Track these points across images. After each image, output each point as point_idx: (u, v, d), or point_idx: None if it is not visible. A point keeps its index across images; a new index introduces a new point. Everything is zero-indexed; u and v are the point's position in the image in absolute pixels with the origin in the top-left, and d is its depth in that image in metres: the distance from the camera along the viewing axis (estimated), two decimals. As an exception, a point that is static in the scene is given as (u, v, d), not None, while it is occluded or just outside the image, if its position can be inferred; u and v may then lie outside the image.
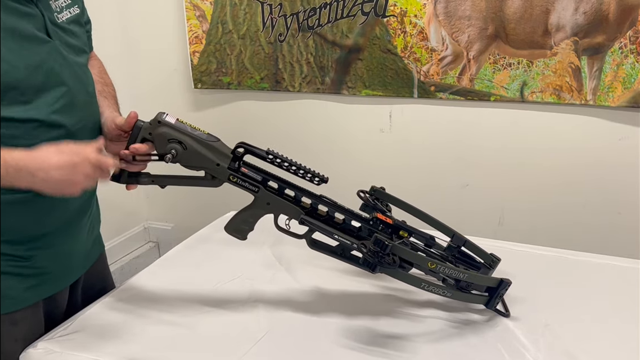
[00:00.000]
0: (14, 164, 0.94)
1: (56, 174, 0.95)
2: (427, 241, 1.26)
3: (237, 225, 1.19)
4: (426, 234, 1.26)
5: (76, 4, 1.13)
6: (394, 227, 1.19)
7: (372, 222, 1.18)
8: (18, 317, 1.09)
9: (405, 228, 1.20)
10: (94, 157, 0.99)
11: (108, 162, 1.02)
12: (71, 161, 0.97)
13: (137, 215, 2.75)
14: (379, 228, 1.18)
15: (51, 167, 0.95)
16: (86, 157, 0.98)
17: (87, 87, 1.14)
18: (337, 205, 1.18)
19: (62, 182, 0.96)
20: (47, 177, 0.95)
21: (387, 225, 1.19)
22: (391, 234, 1.19)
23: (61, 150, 0.98)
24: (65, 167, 0.96)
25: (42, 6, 1.02)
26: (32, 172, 0.95)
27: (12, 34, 0.96)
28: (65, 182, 0.97)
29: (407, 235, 1.20)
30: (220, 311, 1.22)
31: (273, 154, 1.12)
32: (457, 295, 1.17)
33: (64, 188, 0.98)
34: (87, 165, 0.98)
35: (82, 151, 0.99)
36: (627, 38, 1.80)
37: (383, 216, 1.19)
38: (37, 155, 0.96)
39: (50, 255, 1.11)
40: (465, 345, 1.10)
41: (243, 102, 2.39)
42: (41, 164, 0.95)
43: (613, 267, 1.41)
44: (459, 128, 2.11)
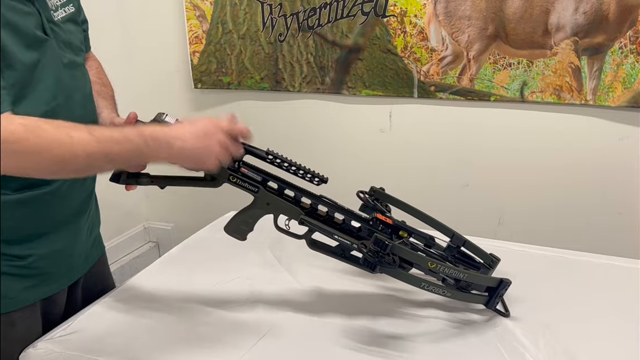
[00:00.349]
0: (152, 135, 0.95)
1: (192, 141, 0.97)
2: (426, 241, 1.26)
3: (236, 226, 1.19)
4: (426, 234, 1.26)
5: (71, 3, 1.13)
6: (394, 227, 1.19)
7: (372, 222, 1.18)
8: (16, 317, 1.09)
9: (405, 228, 1.20)
10: (224, 124, 1.01)
11: (240, 129, 1.04)
12: (205, 129, 0.99)
13: (137, 215, 2.75)
14: (378, 228, 1.18)
15: (187, 134, 0.97)
16: (219, 125, 1.00)
17: (84, 86, 1.14)
18: (337, 205, 1.18)
19: (199, 149, 0.98)
20: (184, 145, 0.96)
21: (386, 226, 1.19)
22: (391, 234, 1.19)
23: (193, 121, 1.00)
24: (200, 135, 0.98)
25: (39, 4, 1.01)
26: (169, 141, 0.96)
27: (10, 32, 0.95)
28: (202, 150, 0.98)
29: (407, 236, 1.20)
30: (220, 311, 1.22)
31: (272, 154, 1.12)
32: (457, 295, 1.17)
33: (201, 157, 0.99)
34: (221, 133, 1.00)
35: (214, 120, 1.01)
36: (627, 38, 1.80)
37: (383, 216, 1.19)
38: (173, 128, 0.98)
39: (49, 256, 1.11)
40: (465, 345, 1.10)
41: (243, 102, 2.39)
42: (177, 132, 0.97)
43: (613, 267, 1.41)
44: (459, 128, 2.11)
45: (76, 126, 0.92)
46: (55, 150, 0.88)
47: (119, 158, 0.95)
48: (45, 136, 0.88)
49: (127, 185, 1.14)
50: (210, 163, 1.00)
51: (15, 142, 0.86)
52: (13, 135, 0.87)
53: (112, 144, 0.92)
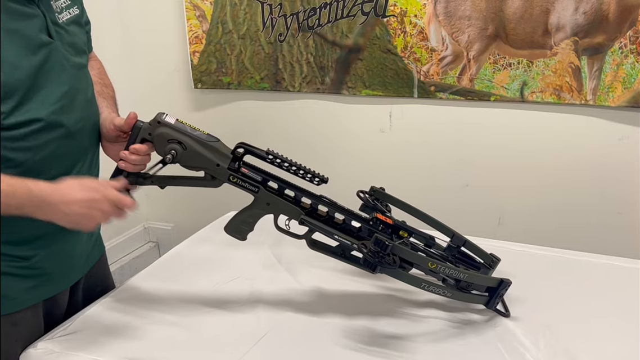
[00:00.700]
0: (39, 195, 0.97)
1: (76, 208, 0.99)
2: (427, 241, 1.26)
3: (236, 226, 1.19)
4: (426, 234, 1.26)
5: (75, 5, 1.13)
6: (394, 227, 1.19)
7: (372, 222, 1.18)
8: (18, 318, 1.09)
9: (405, 228, 1.20)
10: (113, 195, 1.03)
11: (126, 202, 1.05)
12: (92, 198, 1.00)
13: (137, 215, 2.74)
14: (379, 228, 1.18)
15: (73, 201, 0.99)
16: (106, 195, 1.02)
17: (87, 88, 1.14)
18: (337, 205, 1.18)
19: (80, 216, 1.00)
20: (67, 211, 0.99)
21: (387, 226, 1.19)
22: (391, 234, 1.19)
23: (84, 185, 1.02)
24: (85, 202, 1.00)
25: (44, 7, 1.02)
26: (56, 205, 0.98)
27: (13, 36, 0.96)
28: (82, 217, 1.00)
29: (407, 235, 1.20)
30: (220, 311, 1.22)
31: (273, 154, 1.11)
32: (457, 295, 1.17)
33: (81, 222, 1.01)
34: (106, 202, 1.02)
35: (103, 189, 1.03)
36: (627, 38, 1.80)
37: (383, 216, 1.18)
38: (61, 189, 0.99)
39: (50, 256, 1.11)
40: (465, 345, 1.10)
41: (243, 102, 2.39)
42: (64, 197, 0.99)
43: (613, 267, 1.41)
44: (459, 128, 2.11)
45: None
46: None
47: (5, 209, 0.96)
48: None
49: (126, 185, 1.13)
50: (87, 227, 1.03)
51: None
52: None
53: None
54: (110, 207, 1.02)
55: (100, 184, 1.05)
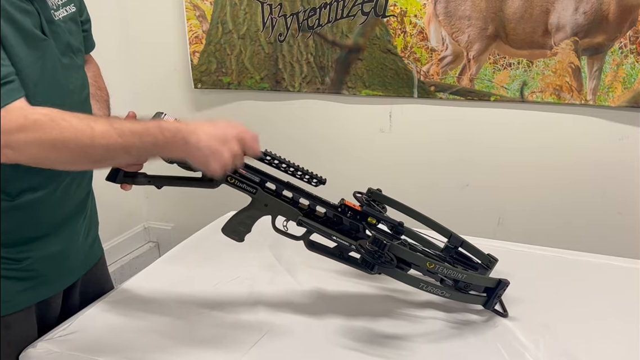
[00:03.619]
0: (169, 129, 0.95)
1: (207, 142, 0.96)
2: (396, 227, 1.23)
3: (234, 227, 1.19)
4: (394, 221, 1.23)
5: (72, 3, 1.12)
6: (362, 214, 1.18)
7: (341, 208, 1.18)
8: (11, 320, 1.08)
9: (374, 214, 1.18)
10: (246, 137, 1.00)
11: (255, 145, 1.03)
12: (224, 133, 0.98)
13: (137, 215, 2.75)
14: (347, 214, 1.17)
15: (204, 133, 0.96)
16: (237, 133, 0.99)
17: (81, 88, 1.13)
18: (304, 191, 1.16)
19: (211, 151, 0.96)
20: (199, 143, 0.96)
21: (355, 212, 1.18)
22: (360, 220, 1.17)
23: (215, 122, 1.00)
24: (217, 137, 0.97)
25: (39, 4, 1.00)
26: (185, 136, 0.95)
27: (15, 27, 0.94)
28: (214, 153, 0.97)
29: (376, 222, 1.18)
30: (220, 312, 1.22)
31: (270, 154, 1.11)
32: (456, 296, 1.17)
33: (209, 159, 0.97)
34: (236, 142, 0.99)
35: (235, 127, 1.00)
36: (627, 38, 1.80)
37: (351, 203, 1.17)
38: (193, 123, 0.97)
39: (44, 258, 1.10)
40: (464, 346, 1.10)
41: (243, 102, 2.39)
42: (195, 129, 0.96)
43: (613, 267, 1.41)
44: (458, 128, 2.11)
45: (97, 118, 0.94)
46: (78, 142, 0.89)
47: (137, 150, 0.95)
48: (68, 127, 0.89)
49: (123, 184, 1.13)
50: (215, 167, 0.99)
51: (39, 131, 0.87)
52: (36, 125, 0.87)
53: (132, 137, 0.93)
54: (239, 148, 0.99)
55: (233, 122, 1.01)
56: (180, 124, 0.98)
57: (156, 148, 0.96)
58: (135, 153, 0.96)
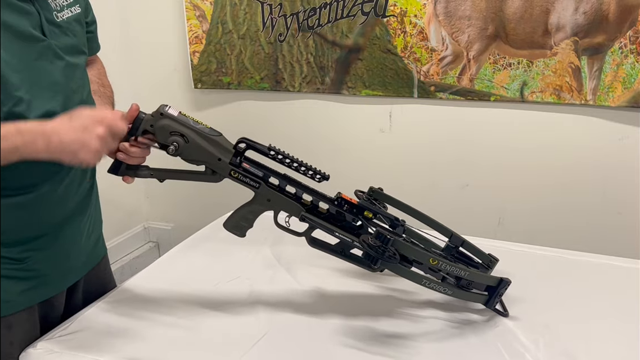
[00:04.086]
0: (30, 130, 0.94)
1: (69, 135, 0.95)
2: (392, 222, 1.23)
3: (236, 222, 1.19)
4: (391, 215, 1.23)
5: (77, 4, 1.12)
6: (359, 208, 1.18)
7: (337, 202, 1.17)
8: (13, 320, 1.08)
9: (370, 208, 1.18)
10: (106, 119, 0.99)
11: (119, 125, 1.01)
12: (83, 124, 0.97)
13: (137, 215, 2.75)
14: (343, 208, 1.17)
15: (64, 128, 0.95)
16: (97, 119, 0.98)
17: (82, 88, 1.13)
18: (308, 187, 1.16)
19: (75, 143, 0.95)
20: (61, 140, 0.95)
21: (351, 205, 1.18)
22: (356, 214, 1.17)
23: (73, 115, 0.98)
24: (77, 129, 0.96)
25: (40, 5, 1.01)
26: (48, 137, 0.94)
27: (6, 30, 0.95)
28: (78, 144, 0.96)
29: (372, 216, 1.18)
30: (220, 311, 1.22)
31: (275, 150, 1.11)
32: (458, 294, 1.17)
33: (79, 151, 0.96)
34: (99, 126, 0.97)
35: (93, 113, 0.99)
36: (627, 38, 1.80)
37: (347, 196, 1.17)
38: (51, 121, 0.97)
39: (46, 258, 1.10)
40: (465, 345, 1.10)
41: (243, 102, 2.39)
42: (54, 126, 0.95)
43: (613, 267, 1.41)
44: (459, 128, 2.11)
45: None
46: None
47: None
48: None
49: (125, 177, 1.12)
50: (86, 157, 0.97)
51: None
52: None
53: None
54: (104, 131, 0.97)
55: (90, 109, 1.01)
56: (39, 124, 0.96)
57: (16, 154, 0.94)
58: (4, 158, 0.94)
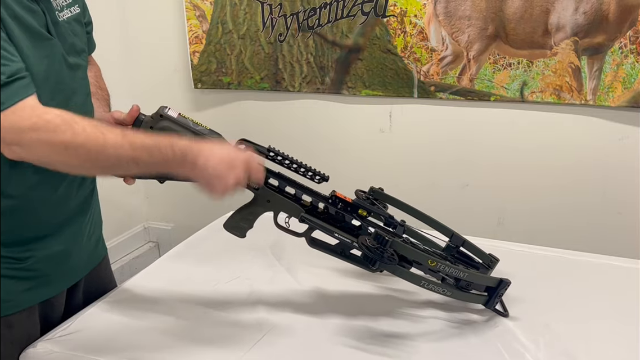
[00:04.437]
0: (181, 149, 0.97)
1: (215, 165, 0.98)
2: (386, 220, 1.24)
3: (236, 223, 1.19)
4: (386, 213, 1.24)
5: (77, 4, 1.12)
6: (353, 206, 1.18)
7: (331, 200, 1.18)
8: (14, 320, 1.08)
9: (364, 206, 1.18)
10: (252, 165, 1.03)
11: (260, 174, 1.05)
12: (230, 158, 1.00)
13: (137, 215, 2.75)
14: (338, 206, 1.17)
15: (213, 156, 0.98)
16: (245, 160, 1.01)
17: (84, 88, 1.13)
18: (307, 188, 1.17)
19: (217, 174, 0.98)
20: (206, 166, 0.97)
21: (345, 204, 1.18)
22: (350, 212, 1.18)
23: (224, 146, 1.02)
24: (224, 162, 0.99)
25: (44, 5, 1.01)
26: (195, 157, 0.97)
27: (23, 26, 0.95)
28: (219, 176, 0.99)
29: (366, 214, 1.19)
30: (220, 311, 1.22)
31: (274, 151, 1.12)
32: (457, 295, 1.17)
33: (215, 182, 0.99)
34: (242, 169, 1.01)
35: (242, 153, 1.03)
36: (627, 38, 1.80)
37: (342, 195, 1.17)
38: (203, 145, 0.99)
39: (47, 258, 1.10)
40: (465, 345, 1.10)
41: (243, 102, 2.39)
42: (204, 151, 0.98)
43: (613, 267, 1.41)
44: (459, 128, 2.11)
45: (110, 127, 0.95)
46: (89, 148, 0.90)
47: (145, 165, 0.96)
48: (81, 132, 0.90)
49: (127, 178, 1.12)
50: (217, 191, 1.01)
51: (52, 132, 0.87)
52: (49, 125, 0.88)
53: (142, 151, 0.94)
54: (244, 174, 1.01)
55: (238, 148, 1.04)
56: (191, 143, 0.99)
57: (164, 165, 0.97)
58: (143, 167, 0.97)
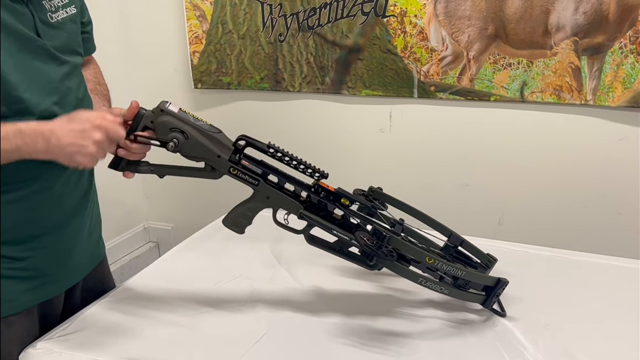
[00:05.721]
0: (30, 130, 0.96)
1: (67, 138, 0.97)
2: (369, 210, 1.23)
3: (235, 219, 1.19)
4: (368, 203, 1.23)
5: (73, 4, 1.12)
6: (336, 195, 1.18)
7: (314, 188, 1.18)
8: (13, 319, 1.08)
9: (347, 195, 1.18)
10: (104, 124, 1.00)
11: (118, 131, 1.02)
12: (81, 127, 0.98)
13: (137, 215, 2.75)
14: (320, 195, 1.17)
15: (63, 130, 0.97)
16: (96, 123, 0.99)
17: (78, 87, 1.13)
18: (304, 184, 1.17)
19: (73, 146, 0.97)
20: (59, 142, 0.97)
21: (328, 192, 1.18)
22: (333, 201, 1.17)
23: (73, 117, 1.00)
24: (76, 131, 0.97)
25: (33, 6, 1.01)
26: (47, 137, 0.96)
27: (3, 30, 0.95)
28: (76, 147, 0.97)
29: (349, 204, 1.18)
30: (220, 311, 1.22)
31: (274, 147, 1.12)
32: (455, 293, 1.17)
33: (75, 155, 0.98)
34: (97, 131, 0.99)
35: (92, 118, 1.00)
36: (627, 38, 1.80)
37: (325, 184, 1.17)
38: (51, 123, 0.98)
39: (47, 257, 1.11)
40: (464, 345, 1.10)
41: (243, 102, 2.39)
42: (54, 128, 0.97)
43: (613, 267, 1.41)
44: (459, 128, 2.11)
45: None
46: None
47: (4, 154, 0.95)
48: None
49: (126, 172, 1.12)
50: (82, 161, 0.99)
51: None
52: None
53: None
54: (102, 136, 0.99)
55: (90, 113, 1.02)
56: (39, 125, 0.98)
57: (17, 154, 0.96)
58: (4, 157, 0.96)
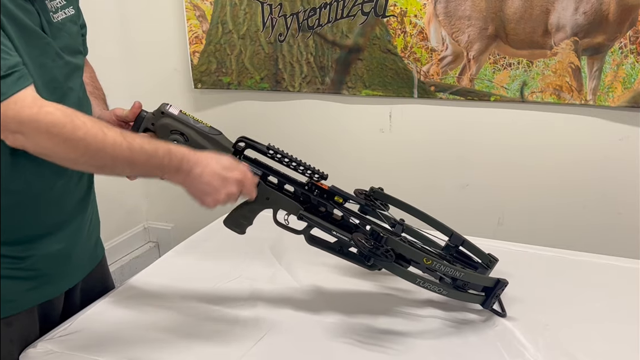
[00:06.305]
0: (179, 156, 0.99)
1: (209, 177, 1.01)
2: (362, 208, 1.24)
3: (235, 220, 1.20)
4: (361, 200, 1.24)
5: (71, 5, 1.12)
6: (329, 193, 1.19)
7: (308, 186, 1.18)
8: (13, 318, 1.08)
9: (340, 193, 1.19)
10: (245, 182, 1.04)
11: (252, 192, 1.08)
12: (226, 174, 1.02)
13: (137, 215, 2.75)
14: (314, 193, 1.18)
15: (208, 168, 1.01)
16: (239, 178, 1.04)
17: (79, 87, 1.13)
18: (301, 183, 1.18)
19: (211, 187, 1.01)
20: (201, 177, 1.00)
21: (322, 191, 1.18)
22: (327, 199, 1.18)
23: (221, 159, 1.04)
24: (218, 175, 1.02)
25: (39, 6, 1.01)
26: (191, 167, 1.00)
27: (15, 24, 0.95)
28: (213, 189, 1.02)
29: (343, 201, 1.19)
30: (220, 311, 1.22)
31: (273, 149, 1.12)
32: (454, 294, 1.17)
33: (208, 195, 1.02)
34: (235, 184, 1.03)
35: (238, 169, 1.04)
36: (627, 38, 1.80)
37: (318, 182, 1.18)
38: (201, 155, 1.02)
39: (48, 257, 1.10)
40: (464, 345, 1.11)
41: (243, 102, 2.39)
42: (202, 161, 1.01)
43: (613, 267, 1.41)
44: (459, 128, 2.11)
45: (110, 126, 0.95)
46: (88, 143, 0.91)
47: (141, 168, 0.98)
48: (81, 126, 0.91)
49: None
50: (208, 203, 1.04)
51: (53, 125, 0.88)
52: (49, 117, 0.88)
53: (140, 154, 0.96)
54: (237, 191, 1.03)
55: (237, 164, 1.06)
56: (188, 151, 1.00)
57: (159, 171, 0.99)
58: (138, 169, 0.99)
